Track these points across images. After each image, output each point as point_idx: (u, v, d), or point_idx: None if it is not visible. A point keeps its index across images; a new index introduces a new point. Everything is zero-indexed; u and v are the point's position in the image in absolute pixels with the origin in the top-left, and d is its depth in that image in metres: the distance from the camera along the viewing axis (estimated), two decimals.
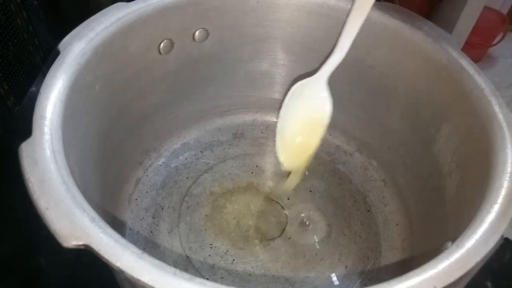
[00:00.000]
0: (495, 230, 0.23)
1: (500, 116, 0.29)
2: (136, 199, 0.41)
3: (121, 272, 0.20)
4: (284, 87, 0.46)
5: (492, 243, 0.23)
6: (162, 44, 0.37)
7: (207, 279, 0.20)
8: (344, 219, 0.41)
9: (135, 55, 0.35)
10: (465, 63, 0.33)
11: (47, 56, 0.52)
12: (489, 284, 0.38)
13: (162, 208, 0.40)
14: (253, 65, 0.44)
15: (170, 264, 0.20)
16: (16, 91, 0.47)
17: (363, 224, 0.41)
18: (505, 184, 0.26)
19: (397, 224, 0.41)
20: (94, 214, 0.22)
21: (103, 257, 0.20)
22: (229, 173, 0.44)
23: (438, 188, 0.35)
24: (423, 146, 0.37)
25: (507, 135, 0.28)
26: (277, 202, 0.42)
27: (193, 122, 0.46)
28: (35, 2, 0.50)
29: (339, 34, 0.34)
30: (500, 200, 0.25)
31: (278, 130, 0.38)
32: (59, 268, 0.37)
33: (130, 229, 0.38)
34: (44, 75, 0.27)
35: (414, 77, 0.37)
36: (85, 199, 0.22)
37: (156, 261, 0.20)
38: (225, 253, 0.38)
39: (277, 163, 0.45)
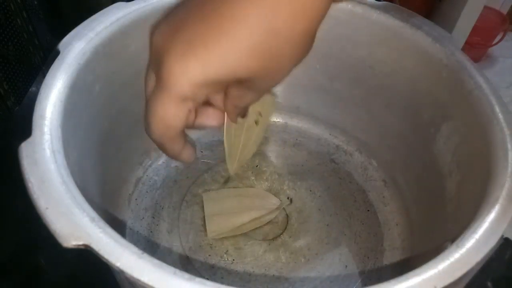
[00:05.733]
0: (495, 230, 0.23)
1: (500, 116, 0.29)
2: (136, 199, 0.41)
3: (121, 272, 0.20)
4: (284, 87, 0.46)
5: (492, 243, 0.23)
6: None
7: (207, 279, 0.20)
8: (344, 219, 0.41)
9: (135, 55, 0.35)
10: (465, 63, 0.33)
11: (47, 56, 0.52)
12: (489, 284, 0.38)
13: (162, 208, 0.40)
14: None
15: (170, 264, 0.20)
16: (16, 91, 0.47)
17: (363, 224, 0.41)
18: (505, 184, 0.26)
19: (397, 224, 0.41)
20: (94, 214, 0.22)
21: (103, 257, 0.20)
22: (229, 173, 0.44)
23: (438, 188, 0.35)
24: (423, 146, 0.37)
25: (507, 135, 0.28)
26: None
27: None
28: (35, 2, 0.50)
29: None
30: (500, 200, 0.25)
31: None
32: (59, 268, 0.37)
33: (130, 229, 0.38)
34: (44, 75, 0.27)
35: (414, 77, 0.37)
36: (85, 199, 0.22)
37: (156, 261, 0.20)
38: (225, 253, 0.38)
39: (277, 163, 0.45)
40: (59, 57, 0.29)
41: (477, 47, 0.65)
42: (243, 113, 0.29)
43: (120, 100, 0.36)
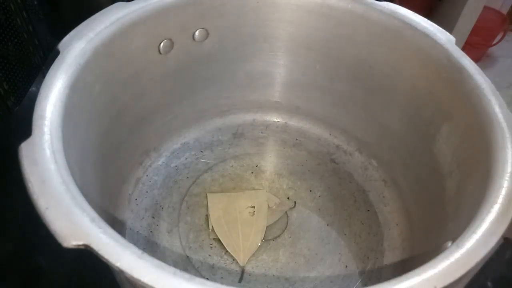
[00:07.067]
0: (495, 230, 0.23)
1: (500, 116, 0.29)
2: (136, 199, 0.41)
3: (121, 272, 0.20)
4: (284, 87, 0.46)
5: (492, 243, 0.23)
6: (162, 44, 0.37)
7: (207, 279, 0.20)
8: (344, 219, 0.41)
9: (135, 55, 0.35)
10: (465, 63, 0.33)
11: (47, 56, 0.52)
12: (489, 284, 0.38)
13: (162, 208, 0.40)
14: (253, 65, 0.44)
15: (170, 264, 0.20)
16: (16, 91, 0.47)
17: (363, 224, 0.41)
18: (505, 184, 0.26)
19: (397, 224, 0.41)
20: (94, 214, 0.22)
21: (103, 257, 0.20)
22: (229, 173, 0.44)
23: (438, 188, 0.35)
24: (423, 146, 0.38)
25: (507, 135, 0.28)
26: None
27: (193, 122, 0.46)
28: (35, 2, 0.50)
29: None
30: (500, 200, 0.25)
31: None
32: (59, 268, 0.37)
33: (130, 229, 0.38)
34: (44, 75, 0.27)
35: (414, 77, 0.37)
36: (85, 199, 0.22)
37: (156, 261, 0.20)
38: (225, 253, 0.38)
39: (277, 163, 0.45)
40: (59, 57, 0.29)
41: (477, 47, 0.66)
42: None
43: (120, 100, 0.36)
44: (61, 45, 0.30)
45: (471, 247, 0.23)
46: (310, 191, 0.43)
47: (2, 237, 0.39)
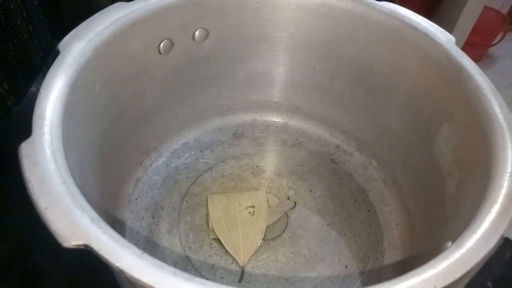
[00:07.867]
0: (495, 230, 0.23)
1: (500, 116, 0.29)
2: (136, 199, 0.41)
3: (121, 272, 0.20)
4: (284, 87, 0.46)
5: (492, 243, 0.23)
6: (162, 44, 0.37)
7: (207, 279, 0.20)
8: (344, 219, 0.41)
9: (135, 55, 0.35)
10: (465, 63, 0.33)
11: (47, 56, 0.52)
12: (489, 284, 0.38)
13: (162, 208, 0.40)
14: (253, 65, 0.44)
15: (170, 264, 0.20)
16: (16, 91, 0.47)
17: (363, 224, 0.41)
18: (505, 184, 0.26)
19: (397, 224, 0.41)
20: (94, 214, 0.22)
21: (103, 257, 0.20)
22: (229, 173, 0.44)
23: (438, 188, 0.35)
24: (423, 146, 0.38)
25: (507, 135, 0.28)
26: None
27: (193, 122, 0.46)
28: (35, 2, 0.50)
29: None
30: (500, 200, 0.25)
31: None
32: (59, 268, 0.37)
33: (130, 229, 0.38)
34: (44, 75, 0.27)
35: (414, 77, 0.37)
36: (85, 199, 0.22)
37: (156, 261, 0.20)
38: (225, 253, 0.38)
39: (277, 163, 0.45)
40: (59, 57, 0.29)
41: (477, 47, 0.66)
42: None
43: (120, 100, 0.36)
44: (61, 45, 0.30)
45: (471, 247, 0.23)
46: (310, 191, 0.43)
47: (2, 237, 0.39)
